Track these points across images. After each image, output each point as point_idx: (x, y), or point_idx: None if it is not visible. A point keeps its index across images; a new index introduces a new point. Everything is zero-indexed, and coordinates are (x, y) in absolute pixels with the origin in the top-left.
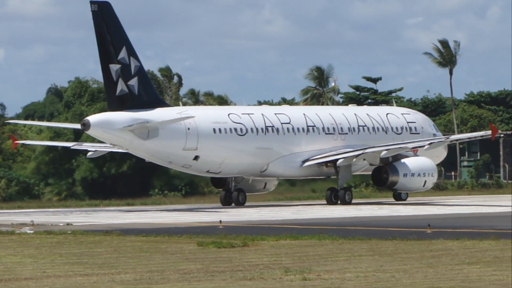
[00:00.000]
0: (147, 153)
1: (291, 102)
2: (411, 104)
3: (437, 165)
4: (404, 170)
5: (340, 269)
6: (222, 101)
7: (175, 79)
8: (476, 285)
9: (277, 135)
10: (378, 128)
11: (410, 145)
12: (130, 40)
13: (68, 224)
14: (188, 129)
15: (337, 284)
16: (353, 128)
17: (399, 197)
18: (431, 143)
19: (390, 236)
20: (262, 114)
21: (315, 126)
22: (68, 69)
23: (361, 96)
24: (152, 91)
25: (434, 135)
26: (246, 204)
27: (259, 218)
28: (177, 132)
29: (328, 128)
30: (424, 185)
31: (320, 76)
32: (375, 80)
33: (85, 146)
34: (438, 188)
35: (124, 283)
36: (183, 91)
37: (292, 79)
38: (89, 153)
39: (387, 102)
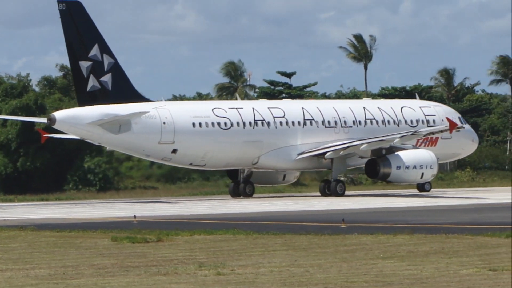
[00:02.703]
0: (120, 147)
1: (206, 97)
2: (325, 98)
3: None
4: (398, 162)
5: (254, 264)
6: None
7: None
8: (390, 279)
9: (268, 128)
10: (389, 121)
11: (397, 138)
12: (104, 38)
13: None
14: (164, 123)
15: (251, 279)
16: (359, 121)
17: (423, 188)
18: (402, 137)
19: (304, 231)
20: (253, 108)
21: (313, 119)
22: None
23: (275, 91)
24: (129, 86)
25: None
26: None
27: (173, 213)
28: (151, 126)
29: (328, 122)
30: (421, 177)
31: (234, 71)
32: (289, 75)
33: None
34: (353, 183)
35: (39, 278)
36: None
37: (206, 74)
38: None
39: (302, 97)
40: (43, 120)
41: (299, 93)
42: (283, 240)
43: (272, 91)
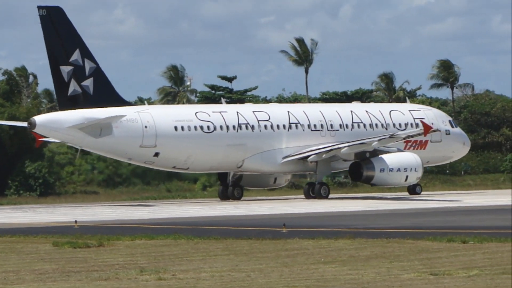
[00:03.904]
0: (102, 151)
1: (148, 101)
2: (266, 102)
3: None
4: (381, 165)
5: (195, 268)
6: None
7: (31, 78)
8: (331, 284)
9: (252, 132)
10: (376, 124)
11: (374, 141)
12: (85, 43)
13: None
14: (146, 127)
15: (192, 283)
16: (346, 124)
17: (414, 191)
18: (380, 140)
19: (245, 236)
20: (237, 112)
21: (299, 123)
22: None
23: (216, 95)
24: (112, 91)
25: (447, 131)
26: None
27: (114, 218)
28: (133, 130)
29: (314, 125)
30: (406, 180)
31: (176, 75)
32: (230, 79)
33: None
34: (294, 187)
35: None
36: (39, 90)
37: (146, 79)
38: None
39: (243, 101)
40: None
41: (240, 97)
42: (224, 244)
43: (213, 96)
